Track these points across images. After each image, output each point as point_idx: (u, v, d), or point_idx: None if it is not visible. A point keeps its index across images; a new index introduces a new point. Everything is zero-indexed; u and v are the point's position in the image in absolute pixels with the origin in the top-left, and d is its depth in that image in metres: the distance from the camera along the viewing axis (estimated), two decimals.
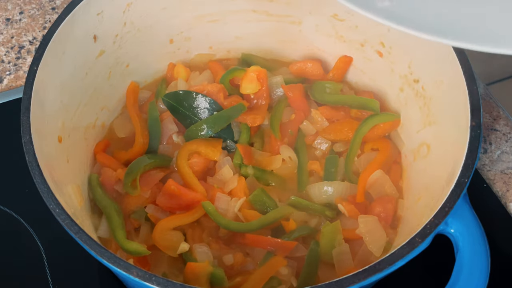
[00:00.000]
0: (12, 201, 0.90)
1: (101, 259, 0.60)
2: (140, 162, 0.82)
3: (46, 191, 0.64)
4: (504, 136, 0.99)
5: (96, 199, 0.81)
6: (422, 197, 0.76)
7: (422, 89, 0.81)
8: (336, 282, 0.58)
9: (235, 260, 0.75)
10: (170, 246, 0.76)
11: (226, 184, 0.82)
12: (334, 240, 0.76)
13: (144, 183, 0.81)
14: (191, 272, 0.73)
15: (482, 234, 0.64)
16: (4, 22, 1.12)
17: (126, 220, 0.79)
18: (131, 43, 0.88)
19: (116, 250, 0.76)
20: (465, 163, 0.65)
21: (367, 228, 0.76)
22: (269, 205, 0.80)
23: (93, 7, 0.79)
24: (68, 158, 0.77)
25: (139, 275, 0.58)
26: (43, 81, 0.72)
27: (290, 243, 0.76)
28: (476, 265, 0.62)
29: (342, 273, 0.73)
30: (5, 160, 0.94)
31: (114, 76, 0.88)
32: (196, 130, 0.85)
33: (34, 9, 1.14)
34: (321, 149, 0.87)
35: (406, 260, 0.60)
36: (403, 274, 0.69)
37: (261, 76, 0.88)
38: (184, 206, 0.79)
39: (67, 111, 0.78)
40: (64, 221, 0.62)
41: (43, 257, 0.85)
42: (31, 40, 1.09)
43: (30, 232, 0.87)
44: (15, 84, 1.05)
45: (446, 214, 0.62)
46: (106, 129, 0.90)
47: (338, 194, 0.81)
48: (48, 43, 0.73)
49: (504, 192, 0.93)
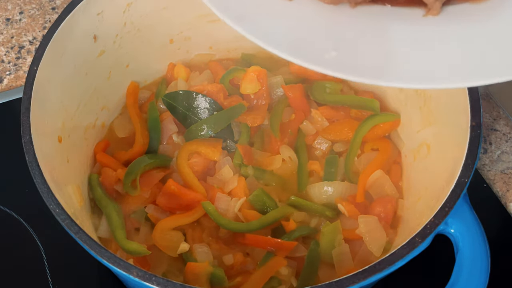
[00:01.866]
0: (12, 201, 0.90)
1: (101, 259, 0.60)
2: (140, 162, 0.82)
3: (46, 191, 0.64)
4: (504, 136, 0.99)
5: (96, 199, 0.81)
6: (422, 197, 0.76)
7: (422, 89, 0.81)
8: (336, 282, 0.58)
9: (235, 260, 0.75)
10: (170, 246, 0.76)
11: (226, 184, 0.82)
12: (334, 240, 0.76)
13: (144, 183, 0.81)
14: (191, 272, 0.73)
15: (482, 234, 0.64)
16: (4, 22, 1.12)
17: (126, 220, 0.79)
18: (131, 43, 0.88)
19: (116, 250, 0.76)
20: (465, 163, 0.65)
21: (367, 228, 0.76)
22: (269, 205, 0.80)
23: (93, 7, 0.79)
24: (68, 158, 0.77)
25: (139, 275, 0.58)
26: (43, 81, 0.72)
27: (290, 243, 0.76)
28: (476, 265, 0.62)
29: (342, 273, 0.73)
30: (5, 160, 0.94)
31: (114, 76, 0.88)
32: (196, 130, 0.85)
33: (34, 9, 1.14)
34: (321, 149, 0.87)
35: (406, 260, 0.60)
36: (403, 274, 0.69)
37: (261, 76, 0.88)
38: (184, 206, 0.79)
39: (67, 111, 0.78)
40: (64, 221, 0.62)
41: (43, 257, 0.85)
42: (31, 40, 1.09)
43: (30, 232, 0.87)
44: (15, 84, 1.05)
45: (446, 214, 0.62)
46: (106, 129, 0.90)
47: (338, 194, 0.81)
48: (48, 43, 0.73)
49: (504, 192, 0.93)
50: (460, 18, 0.53)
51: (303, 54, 0.51)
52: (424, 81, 0.50)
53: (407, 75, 0.50)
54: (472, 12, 0.53)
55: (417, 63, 0.51)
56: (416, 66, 0.51)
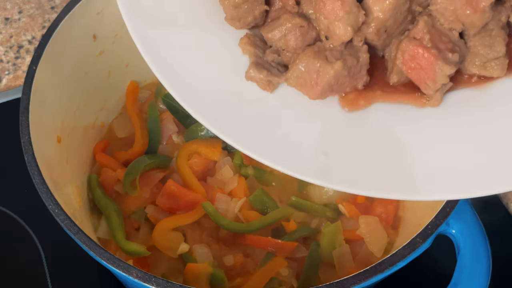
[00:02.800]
0: (11, 201, 0.89)
1: (100, 260, 0.60)
2: (140, 162, 0.82)
3: (45, 192, 0.63)
4: None
5: (96, 200, 0.80)
6: None
7: None
8: (337, 283, 0.57)
9: (235, 261, 0.75)
10: (170, 246, 0.76)
11: (226, 184, 0.82)
12: (334, 240, 0.76)
13: (144, 183, 0.81)
14: (191, 273, 0.73)
15: (483, 234, 0.64)
16: (3, 22, 1.11)
17: (126, 221, 0.79)
18: (131, 43, 0.87)
19: (115, 250, 0.76)
20: None
21: (368, 228, 0.76)
22: (270, 205, 0.80)
23: (92, 6, 0.79)
24: (67, 158, 0.77)
25: (138, 276, 0.58)
26: (42, 81, 0.71)
27: (290, 243, 0.76)
28: (477, 265, 0.62)
29: (343, 274, 0.73)
30: (4, 160, 0.94)
31: (114, 76, 0.88)
32: (196, 130, 0.84)
33: (33, 8, 1.13)
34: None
35: (407, 260, 0.60)
36: (404, 274, 0.68)
37: None
38: (184, 206, 0.79)
39: (66, 111, 0.78)
40: (63, 221, 0.62)
41: (42, 258, 0.85)
42: (30, 40, 1.09)
43: (29, 232, 0.87)
44: (14, 84, 1.04)
45: (447, 214, 0.62)
46: (105, 129, 0.90)
47: (339, 195, 0.81)
48: (47, 43, 0.73)
49: (506, 193, 0.93)
50: (467, 107, 0.48)
51: (287, 163, 0.47)
52: (468, 190, 0.46)
53: (442, 188, 0.46)
54: (475, 100, 0.49)
55: (447, 170, 0.46)
56: (448, 174, 0.46)
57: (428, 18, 0.47)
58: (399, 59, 0.47)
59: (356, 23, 0.45)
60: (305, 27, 0.48)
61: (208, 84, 0.50)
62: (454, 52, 0.46)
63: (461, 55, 0.47)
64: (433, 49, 0.46)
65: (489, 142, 0.46)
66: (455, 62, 0.46)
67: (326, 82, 0.46)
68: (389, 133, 0.48)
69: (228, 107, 0.49)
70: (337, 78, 0.46)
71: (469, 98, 0.48)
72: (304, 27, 0.48)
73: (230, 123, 0.49)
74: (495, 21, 0.47)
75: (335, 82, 0.47)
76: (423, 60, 0.45)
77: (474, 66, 0.48)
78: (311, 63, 0.46)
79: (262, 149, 0.48)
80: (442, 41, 0.46)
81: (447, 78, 0.46)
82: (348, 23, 0.45)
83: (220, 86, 0.50)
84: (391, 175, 0.46)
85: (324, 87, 0.47)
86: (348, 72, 0.47)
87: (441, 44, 0.46)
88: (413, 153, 0.47)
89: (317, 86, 0.47)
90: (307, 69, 0.47)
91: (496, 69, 0.47)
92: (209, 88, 0.50)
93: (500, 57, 0.47)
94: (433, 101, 0.48)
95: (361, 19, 0.45)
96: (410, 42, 0.46)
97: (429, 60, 0.45)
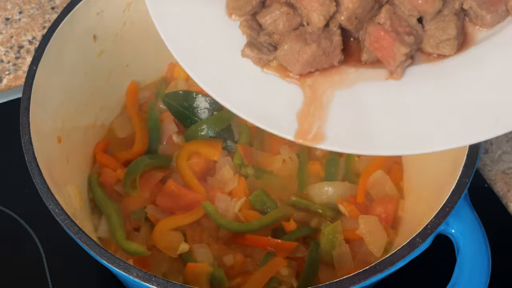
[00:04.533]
0: (11, 201, 0.89)
1: (100, 260, 0.60)
2: (140, 162, 0.82)
3: (46, 191, 0.63)
4: (505, 136, 0.98)
5: (96, 200, 0.80)
6: (423, 198, 0.76)
7: None
8: (336, 282, 0.58)
9: (235, 261, 0.75)
10: (170, 246, 0.76)
11: (226, 184, 0.82)
12: (334, 240, 0.76)
13: (144, 183, 0.81)
14: (191, 272, 0.73)
15: (483, 234, 0.64)
16: (3, 22, 1.11)
17: (126, 221, 0.79)
18: (131, 43, 0.88)
19: (115, 250, 0.76)
20: (466, 163, 0.65)
21: (368, 228, 0.76)
22: (270, 205, 0.80)
23: (92, 6, 0.79)
24: (67, 158, 0.77)
25: (138, 276, 0.58)
26: (43, 81, 0.71)
27: (290, 243, 0.76)
28: (477, 265, 0.62)
29: (343, 273, 0.73)
30: (5, 160, 0.94)
31: (114, 76, 0.88)
32: (196, 130, 0.84)
33: (34, 8, 1.14)
34: (322, 149, 0.87)
35: (406, 260, 0.60)
36: (403, 274, 0.68)
37: None
38: (184, 206, 0.79)
39: (66, 111, 0.78)
40: (63, 221, 0.62)
41: (42, 258, 0.85)
42: (30, 40, 1.09)
43: (29, 232, 0.87)
44: (14, 84, 1.05)
45: (447, 214, 0.62)
46: (106, 129, 0.90)
47: (339, 195, 0.81)
48: (48, 43, 0.73)
49: (505, 193, 0.93)
50: (424, 79, 0.57)
51: (271, 123, 0.56)
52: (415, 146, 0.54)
53: (397, 144, 0.54)
54: (431, 73, 0.57)
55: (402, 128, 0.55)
56: (402, 131, 0.55)
57: (390, 7, 0.56)
58: (367, 40, 0.57)
59: (328, 13, 0.56)
60: (291, 14, 0.57)
61: (211, 54, 0.60)
62: (411, 34, 0.56)
63: (417, 37, 0.56)
64: (392, 32, 0.55)
65: (438, 106, 0.55)
66: (411, 43, 0.55)
67: (305, 60, 0.56)
68: (358, 100, 0.57)
69: (225, 74, 0.59)
70: (314, 56, 0.56)
71: (427, 71, 0.57)
72: (290, 14, 0.57)
73: (225, 87, 0.58)
74: (449, 8, 0.57)
75: (313, 60, 0.57)
76: (384, 41, 0.55)
77: (429, 46, 0.57)
78: (293, 44, 0.56)
79: (251, 110, 0.57)
80: (401, 25, 0.56)
81: (404, 56, 0.55)
82: (321, 13, 0.55)
83: (221, 56, 0.60)
84: (356, 133, 0.55)
85: (303, 64, 0.57)
86: (323, 52, 0.57)
87: (400, 28, 0.56)
88: (375, 115, 0.56)
89: (298, 63, 0.57)
90: (290, 50, 0.57)
91: (447, 49, 0.57)
92: (211, 57, 0.60)
93: (451, 38, 0.56)
94: (395, 75, 0.57)
95: (332, 9, 0.55)
96: (375, 26, 0.56)
97: (388, 41, 0.55)
